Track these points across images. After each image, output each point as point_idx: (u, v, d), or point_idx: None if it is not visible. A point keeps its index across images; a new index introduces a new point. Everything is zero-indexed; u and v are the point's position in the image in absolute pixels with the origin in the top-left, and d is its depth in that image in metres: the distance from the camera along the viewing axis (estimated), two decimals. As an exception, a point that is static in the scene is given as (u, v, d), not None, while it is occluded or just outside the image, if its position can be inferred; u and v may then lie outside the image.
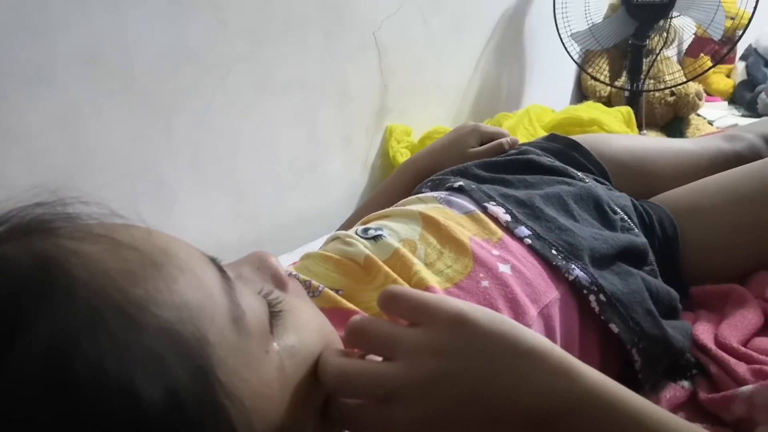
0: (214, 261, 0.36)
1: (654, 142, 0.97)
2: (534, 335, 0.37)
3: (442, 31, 1.42)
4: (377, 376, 0.35)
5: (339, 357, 0.37)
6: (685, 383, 0.63)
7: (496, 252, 0.59)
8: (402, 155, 1.26)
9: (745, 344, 0.65)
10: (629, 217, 0.73)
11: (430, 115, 1.44)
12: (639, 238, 0.69)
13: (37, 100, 0.81)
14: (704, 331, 0.66)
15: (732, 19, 1.60)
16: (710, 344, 0.64)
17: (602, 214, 0.71)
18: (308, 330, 0.38)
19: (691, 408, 0.62)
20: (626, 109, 1.39)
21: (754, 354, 0.62)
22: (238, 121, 1.07)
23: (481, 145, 0.88)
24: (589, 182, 0.76)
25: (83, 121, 0.87)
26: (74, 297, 0.28)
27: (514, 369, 0.36)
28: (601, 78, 1.73)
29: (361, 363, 0.36)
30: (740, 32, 1.58)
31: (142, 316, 0.29)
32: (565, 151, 0.83)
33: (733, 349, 0.63)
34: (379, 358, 0.37)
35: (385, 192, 0.89)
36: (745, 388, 0.57)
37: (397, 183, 0.88)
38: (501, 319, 0.37)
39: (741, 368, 0.60)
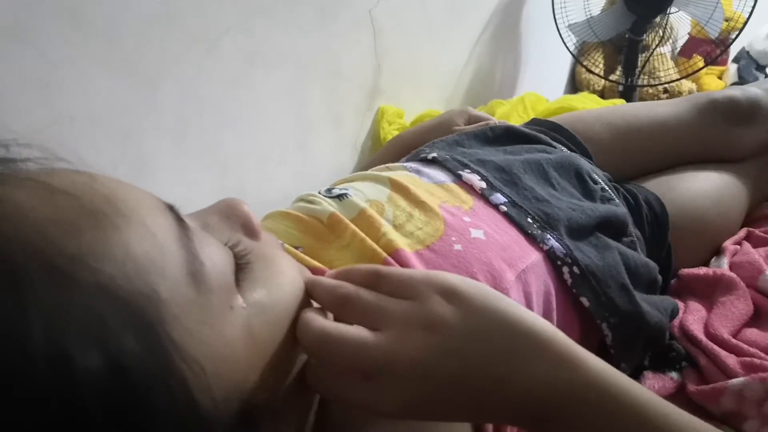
0: (171, 209, 0.32)
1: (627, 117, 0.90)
2: (535, 317, 0.34)
3: (439, 14, 1.39)
4: (362, 345, 0.32)
5: (322, 318, 0.34)
6: (674, 374, 0.63)
7: (467, 219, 0.57)
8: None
9: (735, 335, 0.64)
10: (610, 188, 0.72)
11: (422, 99, 1.41)
12: (619, 208, 0.68)
13: (14, 59, 0.77)
14: (694, 321, 0.65)
15: (727, 20, 1.59)
16: (700, 335, 0.63)
17: (582, 183, 0.70)
18: (281, 284, 0.35)
19: (679, 400, 0.61)
20: (621, 102, 1.38)
21: (744, 346, 0.61)
22: (225, 93, 1.03)
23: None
24: (570, 152, 0.75)
25: (62, 84, 0.83)
26: None
27: (512, 351, 0.33)
28: (596, 71, 1.71)
29: (346, 327, 0.33)
30: (735, 34, 1.58)
31: (76, 271, 0.25)
32: (547, 133, 0.82)
33: (723, 340, 0.62)
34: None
35: (371, 167, 0.87)
36: (735, 381, 0.57)
37: (384, 159, 0.87)
38: (496, 296, 0.35)
39: (731, 360, 0.59)
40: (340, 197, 0.57)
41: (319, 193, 0.60)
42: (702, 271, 0.71)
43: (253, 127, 1.10)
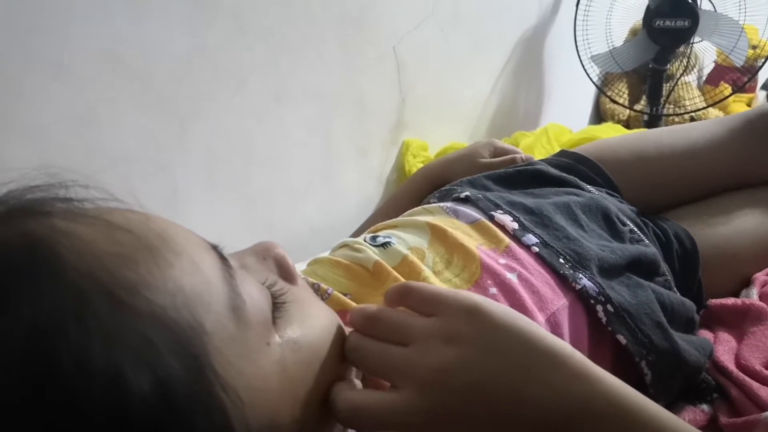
0: (215, 248, 0.34)
1: (657, 145, 0.87)
2: (553, 337, 0.36)
3: (462, 48, 1.42)
4: (387, 356, 0.35)
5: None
6: (705, 407, 0.61)
7: (503, 260, 0.58)
8: (417, 170, 1.25)
9: (767, 367, 0.62)
10: (639, 229, 0.72)
11: (447, 131, 1.43)
12: (649, 249, 0.68)
13: (54, 97, 0.82)
14: (724, 353, 0.64)
15: (754, 48, 1.58)
16: (731, 366, 0.62)
17: (611, 225, 0.69)
18: (314, 326, 0.37)
19: (711, 432, 0.59)
20: (647, 130, 1.37)
21: (778, 378, 0.60)
22: (254, 128, 1.07)
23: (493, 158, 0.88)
24: (598, 194, 0.75)
25: (100, 122, 0.87)
26: (61, 279, 0.27)
27: (530, 367, 0.34)
28: (621, 101, 1.71)
29: (378, 345, 0.36)
30: (761, 61, 1.57)
31: (133, 300, 0.28)
32: (573, 165, 0.82)
33: (755, 372, 0.61)
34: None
35: (396, 199, 0.88)
36: (768, 413, 0.55)
37: (409, 190, 0.88)
38: (517, 315, 0.36)
39: (764, 392, 0.58)
40: (384, 245, 0.60)
41: (365, 240, 0.62)
42: (730, 301, 0.70)
43: (281, 161, 1.13)
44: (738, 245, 0.78)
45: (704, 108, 1.69)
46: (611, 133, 1.31)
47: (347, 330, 0.40)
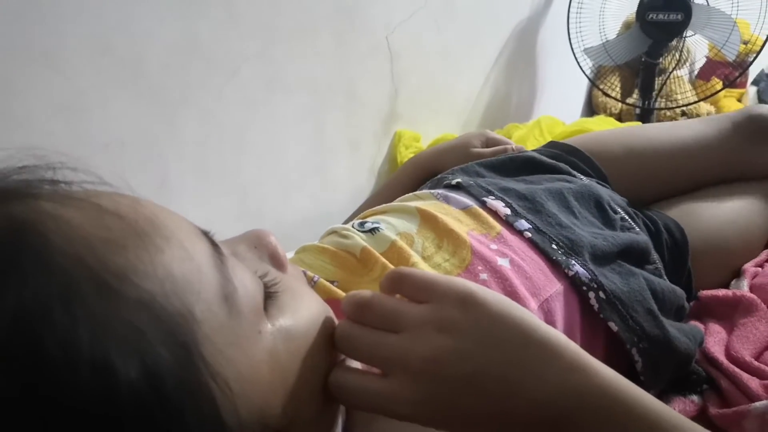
0: (206, 234, 0.33)
1: (649, 142, 0.88)
2: (548, 327, 0.35)
3: (455, 39, 1.42)
4: (377, 345, 0.34)
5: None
6: (695, 397, 0.62)
7: (494, 246, 0.58)
8: (409, 161, 1.24)
9: (757, 358, 0.63)
10: (630, 217, 0.72)
11: (439, 123, 1.43)
12: (640, 236, 0.68)
13: (44, 85, 0.81)
14: (714, 344, 0.64)
15: (745, 43, 1.59)
16: (721, 357, 0.62)
17: (603, 213, 0.70)
18: (305, 315, 0.36)
19: (701, 423, 0.59)
20: (638, 125, 1.37)
21: (767, 369, 0.60)
22: (246, 119, 1.06)
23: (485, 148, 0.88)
24: (589, 182, 0.75)
25: (89, 110, 0.86)
26: (48, 263, 0.26)
27: (525, 359, 0.33)
28: (613, 94, 1.72)
29: (368, 333, 0.35)
30: (753, 57, 1.57)
31: (121, 287, 0.27)
32: (564, 156, 0.82)
33: (745, 363, 0.61)
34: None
35: (387, 189, 0.88)
36: (758, 404, 0.56)
37: (400, 180, 0.88)
38: (512, 305, 0.35)
39: (753, 383, 0.58)
40: (372, 231, 0.59)
41: (352, 226, 0.61)
42: (721, 292, 0.71)
43: (272, 151, 1.12)
44: (728, 236, 0.79)
45: (695, 102, 1.70)
46: (604, 126, 1.31)
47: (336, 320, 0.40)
